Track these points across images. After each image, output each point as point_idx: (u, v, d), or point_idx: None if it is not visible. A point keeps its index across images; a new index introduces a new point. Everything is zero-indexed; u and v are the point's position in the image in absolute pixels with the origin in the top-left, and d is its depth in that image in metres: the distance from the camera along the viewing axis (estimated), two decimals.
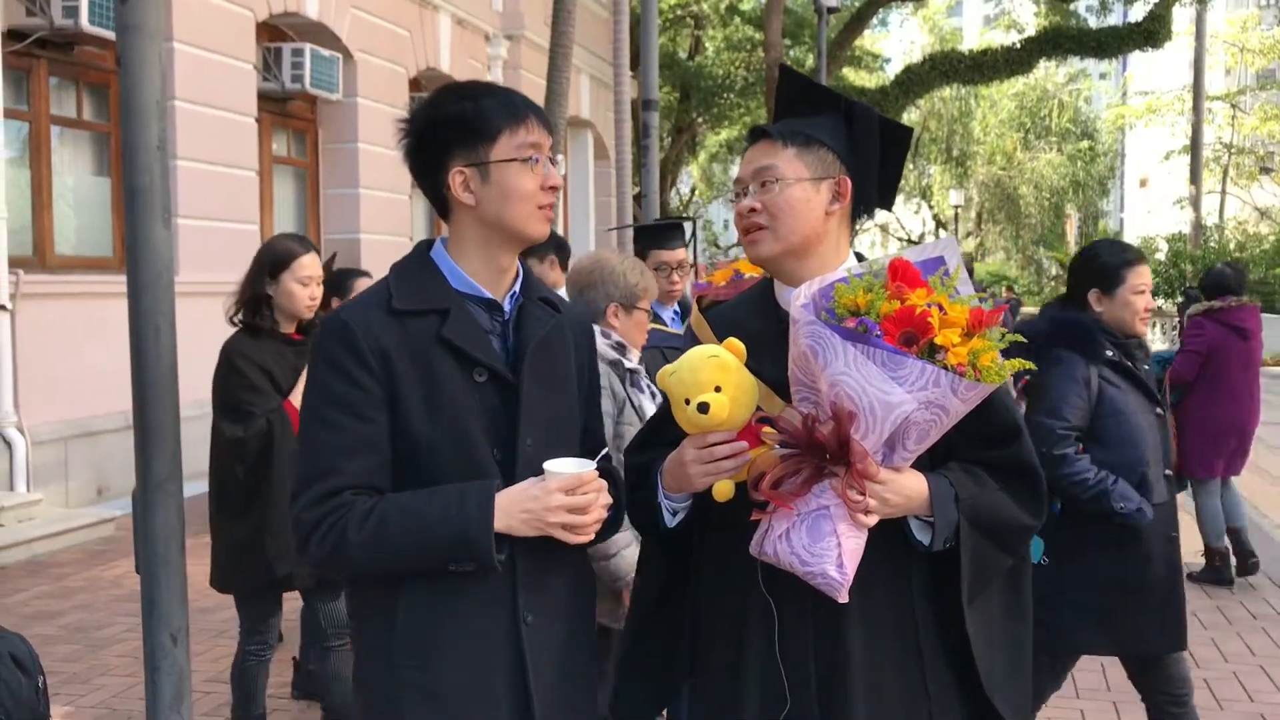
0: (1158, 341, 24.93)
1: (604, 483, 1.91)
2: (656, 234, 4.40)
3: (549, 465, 1.86)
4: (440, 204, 1.98)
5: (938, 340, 1.76)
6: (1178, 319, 23.29)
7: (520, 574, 1.89)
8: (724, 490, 1.85)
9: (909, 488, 1.84)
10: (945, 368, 1.75)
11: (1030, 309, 25.56)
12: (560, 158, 2.17)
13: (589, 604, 2.09)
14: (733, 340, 1.86)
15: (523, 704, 1.89)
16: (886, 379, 1.74)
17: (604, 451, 2.04)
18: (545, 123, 1.94)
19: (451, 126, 1.91)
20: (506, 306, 1.97)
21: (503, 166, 1.89)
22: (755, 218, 1.95)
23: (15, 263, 7.99)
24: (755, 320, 2.02)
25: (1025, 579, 2.05)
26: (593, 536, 1.91)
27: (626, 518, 2.07)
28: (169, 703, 2.41)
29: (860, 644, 1.90)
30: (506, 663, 1.89)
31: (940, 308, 1.78)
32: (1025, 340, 1.96)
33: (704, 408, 1.79)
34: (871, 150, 2.03)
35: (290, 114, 11.50)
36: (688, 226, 4.79)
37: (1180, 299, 23.78)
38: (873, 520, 1.81)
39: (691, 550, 2.08)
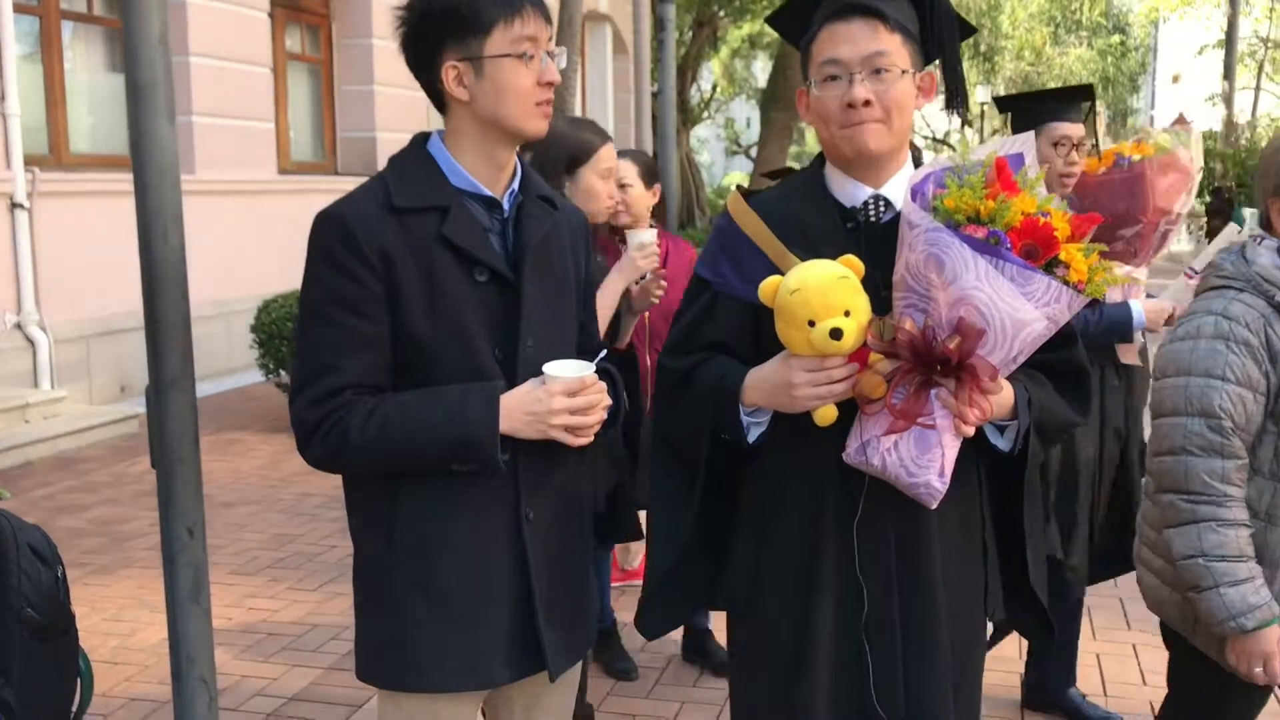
0: (1184, 242, 24.64)
1: (604, 385, 1.90)
2: (1053, 103, 3.49)
3: (549, 368, 1.84)
4: (436, 98, 1.93)
5: (1060, 255, 1.71)
6: (1205, 220, 22.99)
7: (522, 473, 1.90)
8: (829, 414, 1.78)
9: (1006, 396, 1.82)
10: (1065, 283, 1.71)
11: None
12: (560, 50, 2.09)
13: (588, 500, 2.10)
14: (851, 258, 1.76)
15: (524, 598, 1.92)
16: (1018, 294, 1.69)
17: (603, 352, 2.02)
18: (544, 12, 1.88)
19: (444, 18, 1.84)
20: (506, 204, 1.94)
21: (497, 62, 1.83)
22: (868, 111, 1.82)
23: (31, 161, 7.98)
24: (814, 215, 1.91)
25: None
26: (592, 438, 1.91)
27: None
28: (188, 594, 2.46)
29: (939, 545, 1.91)
30: (508, 558, 1.91)
31: (1046, 215, 1.73)
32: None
33: (837, 333, 1.70)
34: (953, 46, 1.95)
35: (304, 9, 11.31)
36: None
37: (1209, 198, 23.44)
38: (972, 430, 1.78)
39: (728, 476, 2.00)
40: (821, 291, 1.71)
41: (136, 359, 8.29)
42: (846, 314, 1.72)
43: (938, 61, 1.96)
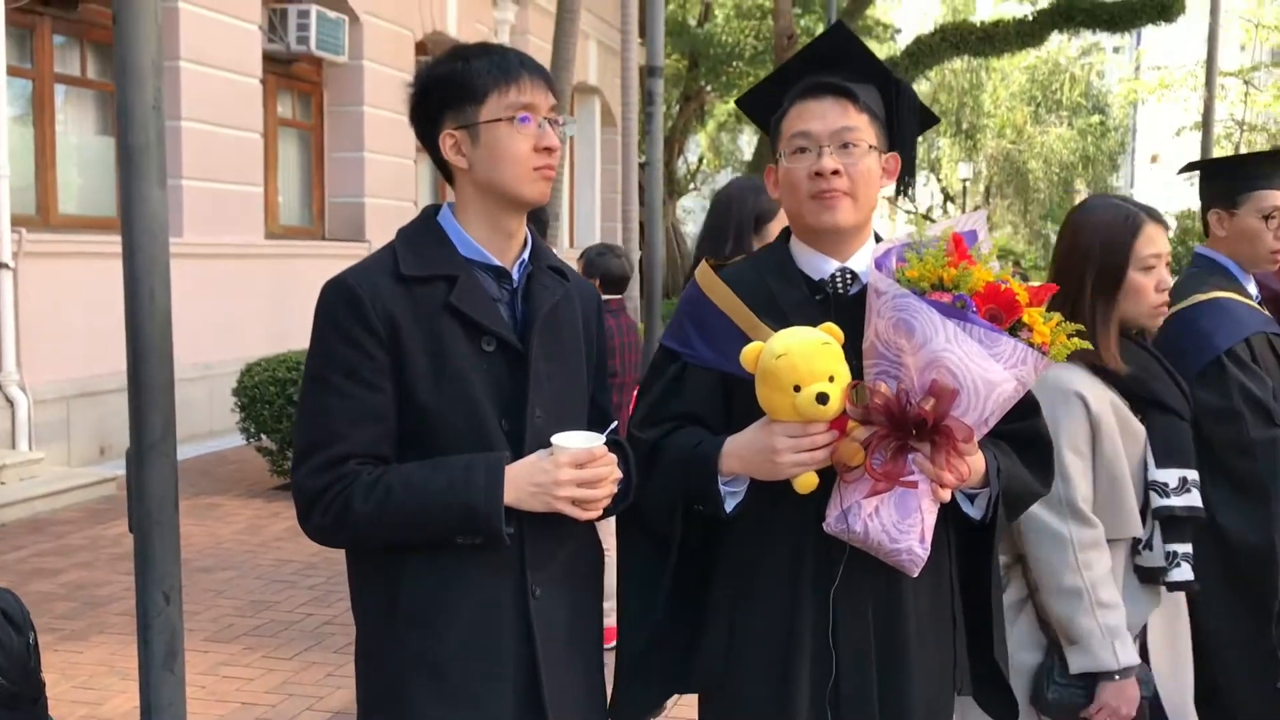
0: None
1: (614, 457, 1.85)
2: (1265, 167, 2.89)
3: (557, 439, 1.80)
4: (443, 168, 1.93)
5: (1024, 319, 1.76)
6: None
7: (529, 547, 1.85)
8: (809, 481, 1.78)
9: (979, 462, 1.84)
10: (1031, 345, 1.75)
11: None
12: (567, 119, 2.11)
13: (597, 578, 2.05)
14: (832, 326, 1.79)
15: (530, 677, 1.85)
16: (986, 355, 1.73)
17: (613, 425, 1.99)
18: (547, 83, 1.88)
19: (442, 87, 1.87)
20: (515, 274, 1.93)
21: (491, 127, 1.84)
22: (836, 181, 1.87)
23: (18, 221, 7.99)
24: (783, 288, 1.95)
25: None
26: (601, 512, 1.87)
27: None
28: (161, 660, 2.41)
29: (914, 616, 1.90)
30: (514, 636, 1.85)
31: (1005, 284, 1.78)
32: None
33: (824, 398, 1.71)
34: (912, 132, 2.01)
35: (295, 76, 11.45)
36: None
37: None
38: (948, 495, 1.79)
39: (696, 546, 1.97)
40: (807, 357, 1.73)
41: (117, 420, 8.23)
42: (831, 379, 1.73)
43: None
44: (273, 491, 7.59)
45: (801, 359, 1.72)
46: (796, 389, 1.73)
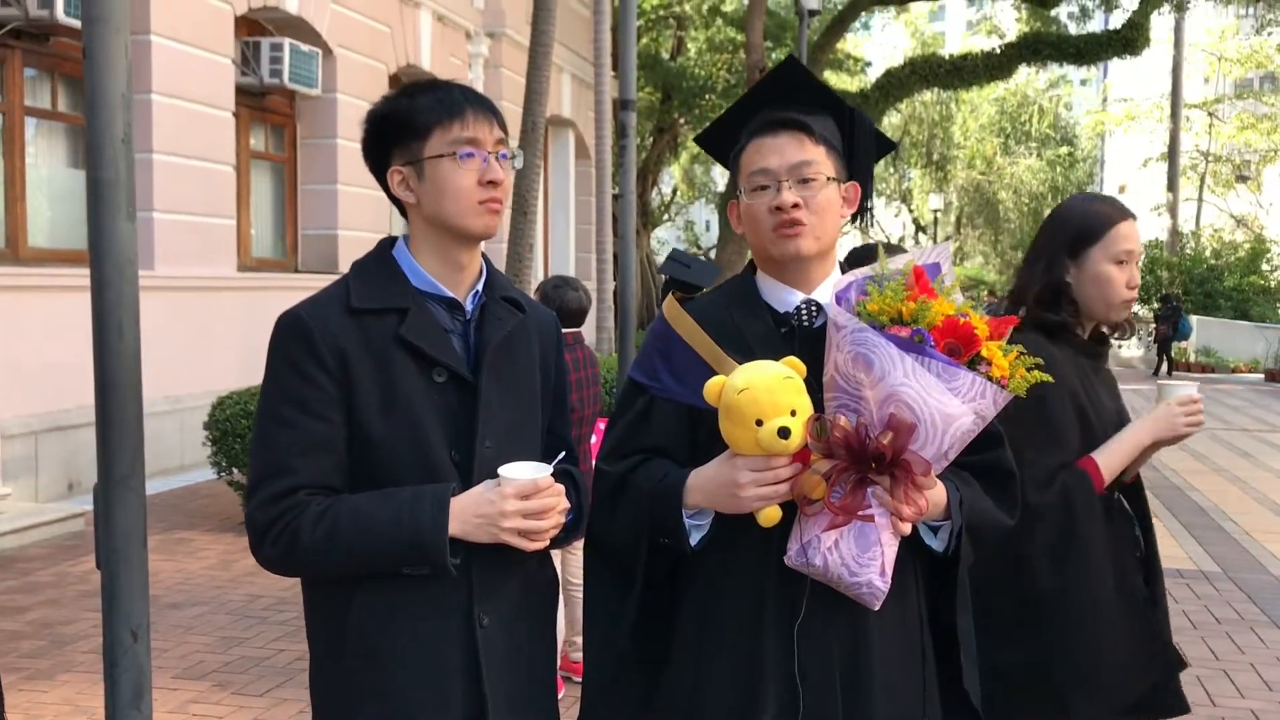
0: (1132, 347, 25.10)
1: (561, 488, 1.86)
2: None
3: (504, 470, 1.82)
4: (396, 202, 1.97)
5: (982, 352, 1.77)
6: (1153, 325, 23.50)
7: (476, 577, 1.87)
8: (773, 515, 1.78)
9: (939, 495, 1.85)
10: (989, 379, 1.77)
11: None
12: (511, 153, 2.11)
13: (549, 607, 2.06)
14: (794, 360, 1.79)
15: (477, 708, 1.87)
16: (944, 390, 1.74)
17: (560, 455, 2.00)
18: (494, 117, 1.91)
19: (389, 125, 1.91)
20: (469, 305, 1.95)
21: (435, 163, 1.87)
22: (797, 213, 1.90)
23: None
24: (748, 320, 1.97)
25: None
26: (548, 543, 1.88)
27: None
28: (129, 700, 2.38)
29: (880, 648, 1.90)
30: (461, 666, 1.86)
31: (965, 316, 1.80)
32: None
33: (785, 432, 1.72)
34: (869, 159, 2.04)
35: (268, 109, 11.45)
36: None
37: (1156, 305, 23.97)
38: (908, 528, 1.80)
39: (661, 580, 1.97)
40: (769, 390, 1.73)
41: (86, 455, 8.14)
42: (793, 413, 1.74)
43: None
44: (244, 526, 7.51)
45: (764, 393, 1.73)
46: (759, 423, 1.73)
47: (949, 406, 1.74)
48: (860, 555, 1.77)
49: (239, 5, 10.22)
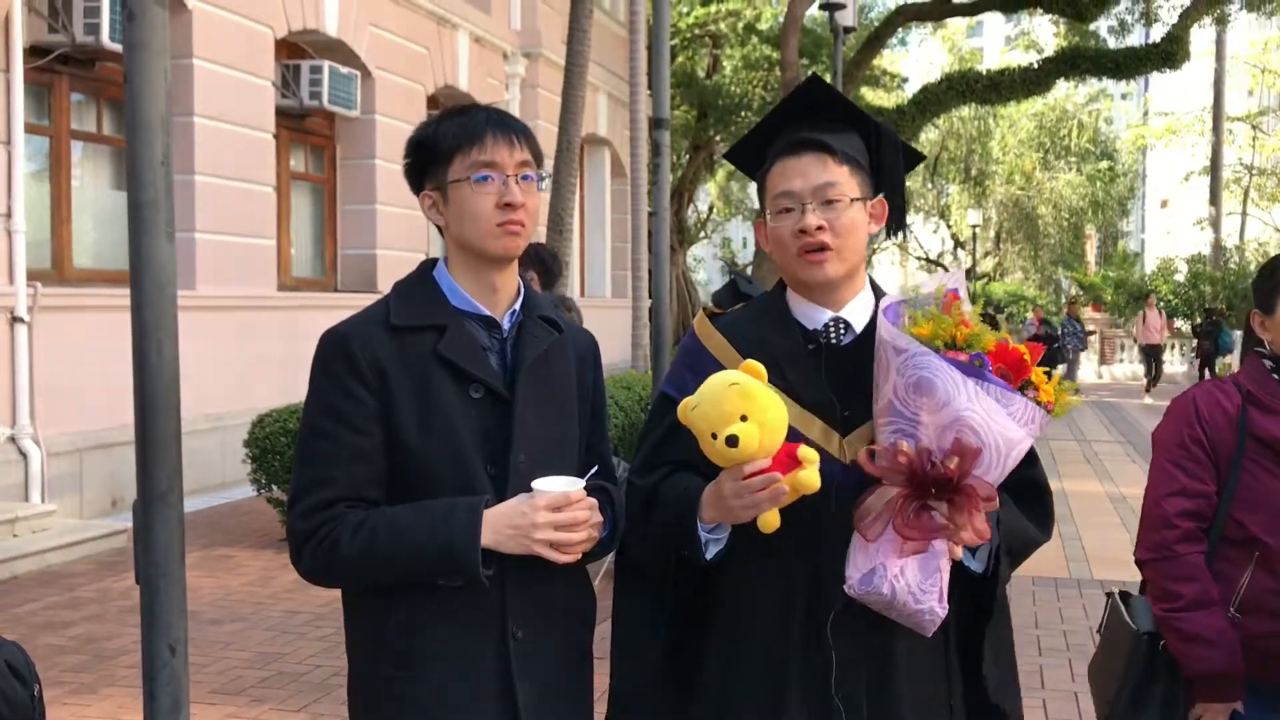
0: (1176, 363, 24.79)
1: (593, 501, 1.89)
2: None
3: (537, 484, 1.85)
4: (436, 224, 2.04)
5: (1032, 378, 1.79)
6: (1195, 340, 23.21)
7: (510, 589, 1.89)
8: (771, 521, 1.78)
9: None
10: (1038, 403, 1.79)
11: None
12: (540, 174, 2.17)
13: (584, 620, 2.07)
14: (751, 363, 1.79)
15: (511, 719, 1.89)
16: (1004, 414, 1.76)
17: (594, 469, 2.02)
18: (518, 139, 1.95)
19: (421, 151, 1.98)
20: (506, 324, 1.99)
21: (456, 187, 1.93)
22: (821, 236, 1.90)
23: (34, 276, 8.08)
24: (776, 337, 1.97)
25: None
26: (579, 556, 1.90)
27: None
28: (166, 714, 2.40)
29: (905, 669, 1.90)
30: (494, 677, 1.89)
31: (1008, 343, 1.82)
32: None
33: (733, 440, 1.72)
34: (898, 174, 2.04)
35: (308, 130, 11.60)
36: None
37: (1199, 321, 23.68)
38: (960, 553, 1.81)
39: (690, 593, 1.98)
40: (715, 401, 1.75)
41: (129, 473, 8.21)
42: (743, 419, 1.73)
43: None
44: (283, 542, 7.58)
45: (711, 405, 1.75)
46: (714, 436, 1.75)
47: (1010, 431, 1.76)
48: (924, 582, 1.78)
49: (279, 28, 10.38)
